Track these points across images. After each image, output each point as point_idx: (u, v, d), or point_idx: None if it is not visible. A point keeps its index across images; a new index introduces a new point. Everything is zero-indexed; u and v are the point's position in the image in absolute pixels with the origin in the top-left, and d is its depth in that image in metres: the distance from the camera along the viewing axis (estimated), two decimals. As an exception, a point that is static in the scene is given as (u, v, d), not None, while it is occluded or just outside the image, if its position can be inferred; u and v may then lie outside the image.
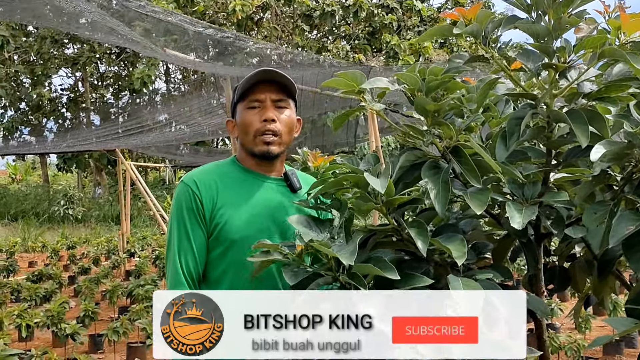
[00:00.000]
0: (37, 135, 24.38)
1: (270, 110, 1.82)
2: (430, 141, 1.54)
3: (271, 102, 1.83)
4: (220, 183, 1.83)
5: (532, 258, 1.59)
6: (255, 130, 1.81)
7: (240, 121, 1.85)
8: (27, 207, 22.28)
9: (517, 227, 1.40)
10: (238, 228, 1.77)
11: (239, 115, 1.87)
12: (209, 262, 1.80)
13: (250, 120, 1.82)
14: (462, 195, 1.51)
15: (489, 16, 1.58)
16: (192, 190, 1.79)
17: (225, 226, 1.77)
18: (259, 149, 1.82)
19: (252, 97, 1.83)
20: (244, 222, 1.77)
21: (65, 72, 26.03)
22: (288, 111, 1.87)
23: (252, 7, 16.90)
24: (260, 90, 1.83)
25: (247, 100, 1.84)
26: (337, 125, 1.69)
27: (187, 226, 1.77)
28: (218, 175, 1.85)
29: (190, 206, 1.78)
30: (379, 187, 1.38)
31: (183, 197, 1.80)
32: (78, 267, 9.87)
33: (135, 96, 23.17)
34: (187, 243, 1.77)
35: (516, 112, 1.58)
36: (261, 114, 1.82)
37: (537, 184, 1.56)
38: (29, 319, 5.20)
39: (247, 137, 1.84)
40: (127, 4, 6.46)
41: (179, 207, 1.80)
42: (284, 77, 1.84)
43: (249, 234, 1.75)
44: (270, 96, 1.83)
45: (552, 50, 1.53)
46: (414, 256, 1.59)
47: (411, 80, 1.53)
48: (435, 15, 22.80)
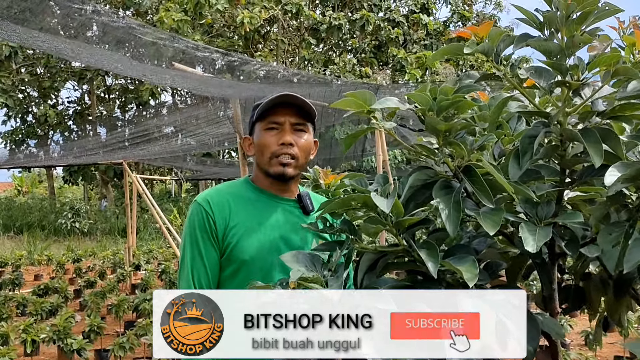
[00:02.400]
0: (43, 148, 24.50)
1: (288, 133, 1.82)
2: (442, 160, 1.51)
3: (290, 125, 1.83)
4: (234, 203, 1.83)
5: (547, 278, 1.56)
6: (272, 152, 1.82)
7: (258, 141, 1.86)
8: (33, 219, 22.34)
9: (531, 251, 1.37)
10: (249, 249, 1.77)
11: (257, 135, 1.87)
12: (221, 282, 1.80)
13: (267, 141, 1.83)
14: (474, 216, 1.49)
15: (501, 34, 1.56)
16: (205, 211, 1.80)
17: (236, 246, 1.77)
18: (275, 170, 1.82)
19: (271, 118, 1.83)
20: (255, 243, 1.78)
21: (73, 84, 26.18)
22: (306, 135, 1.87)
23: (260, 19, 16.97)
24: (280, 112, 1.83)
25: (266, 122, 1.84)
26: (347, 145, 1.67)
27: (200, 245, 1.78)
28: (231, 196, 1.85)
29: (203, 226, 1.79)
30: (385, 208, 1.36)
31: (196, 217, 1.81)
32: (84, 281, 9.84)
33: (142, 108, 23.25)
34: (200, 262, 1.78)
35: (529, 130, 1.56)
36: (279, 137, 1.82)
37: (551, 204, 1.54)
38: (34, 333, 5.18)
39: (263, 157, 1.84)
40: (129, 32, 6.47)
41: (192, 227, 1.81)
42: (304, 101, 1.84)
43: (260, 256, 1.76)
44: (290, 119, 1.83)
45: (565, 67, 1.51)
46: (425, 277, 1.57)
47: (422, 100, 1.51)
48: (442, 29, 22.87)
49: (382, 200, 1.34)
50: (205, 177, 20.65)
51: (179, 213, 17.87)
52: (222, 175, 19.31)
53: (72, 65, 24.17)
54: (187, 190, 29.90)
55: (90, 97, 25.87)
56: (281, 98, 1.82)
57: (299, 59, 20.37)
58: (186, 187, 30.00)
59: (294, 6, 18.36)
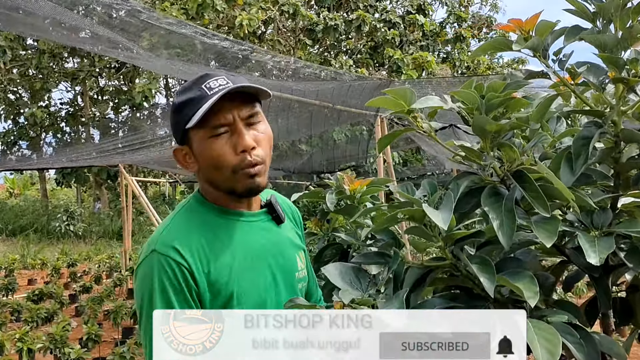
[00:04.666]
0: (36, 150, 24.27)
1: (244, 134, 1.39)
2: (491, 165, 1.38)
3: (241, 121, 1.40)
4: (205, 242, 1.39)
5: (604, 294, 1.43)
6: (232, 166, 1.39)
7: (205, 154, 1.40)
8: (26, 222, 22.10)
9: (595, 263, 1.25)
10: (247, 296, 1.40)
11: (199, 145, 1.40)
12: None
13: (220, 153, 1.38)
14: (526, 225, 1.36)
15: (551, 27, 1.44)
16: (176, 262, 1.32)
17: (230, 302, 1.37)
18: (243, 185, 1.42)
19: (214, 121, 1.37)
20: (248, 286, 1.41)
21: (65, 86, 25.96)
22: (262, 125, 1.45)
23: (258, 21, 16.84)
24: (224, 109, 1.37)
25: (209, 127, 1.38)
26: (382, 147, 1.54)
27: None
28: (199, 231, 1.41)
29: (177, 286, 1.32)
30: (441, 223, 1.21)
31: (164, 274, 1.32)
32: (79, 286, 9.68)
33: (135, 110, 23.07)
34: None
35: (582, 131, 1.43)
36: (234, 142, 1.39)
37: (608, 211, 1.41)
38: (30, 342, 5.02)
39: (220, 174, 1.41)
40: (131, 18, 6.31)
41: (161, 290, 1.30)
42: (250, 86, 1.40)
43: (259, 300, 1.42)
44: (239, 114, 1.39)
45: (622, 62, 1.39)
46: (471, 293, 1.44)
47: (469, 98, 1.38)
48: (438, 30, 22.81)
49: (437, 215, 1.20)
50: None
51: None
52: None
53: (65, 66, 23.95)
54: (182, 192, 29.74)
55: (83, 98, 25.64)
56: (224, 93, 1.37)
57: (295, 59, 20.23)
58: (180, 189, 29.82)
59: (291, 7, 18.23)
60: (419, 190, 1.39)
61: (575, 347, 1.25)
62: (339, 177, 1.84)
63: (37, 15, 5.92)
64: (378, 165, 7.84)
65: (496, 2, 27.08)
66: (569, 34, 1.45)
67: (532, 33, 1.46)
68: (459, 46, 23.44)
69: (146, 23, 5.99)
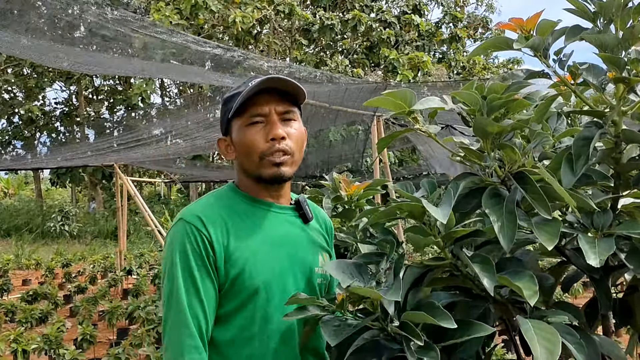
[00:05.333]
0: (30, 149, 24.18)
1: (277, 125, 1.51)
2: (492, 166, 1.37)
3: (277, 115, 1.52)
4: (229, 220, 1.49)
5: (604, 295, 1.42)
6: (261, 151, 1.50)
7: (240, 141, 1.53)
8: (20, 222, 22.02)
9: (595, 265, 1.24)
10: (258, 277, 1.46)
11: (237, 133, 1.54)
12: (219, 320, 1.46)
13: (253, 139, 1.50)
14: (526, 227, 1.35)
15: (552, 26, 1.43)
16: (198, 231, 1.44)
17: (243, 274, 1.45)
18: (268, 172, 1.52)
19: (252, 110, 1.51)
20: (265, 269, 1.48)
21: (60, 85, 25.86)
22: (296, 123, 1.57)
23: (252, 19, 16.80)
24: (263, 101, 1.51)
25: (247, 116, 1.51)
26: (381, 148, 1.53)
27: (196, 276, 1.42)
28: (224, 210, 1.51)
29: (197, 251, 1.43)
30: (441, 217, 1.20)
31: (187, 239, 1.43)
32: (74, 286, 9.62)
33: (130, 110, 23.02)
34: (197, 298, 1.41)
35: (583, 131, 1.42)
36: (267, 131, 1.50)
37: (608, 212, 1.40)
38: (25, 343, 4.98)
39: (250, 159, 1.52)
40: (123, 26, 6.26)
41: (182, 252, 1.43)
42: (289, 82, 1.52)
43: (272, 280, 1.48)
44: (276, 108, 1.52)
45: (623, 62, 1.38)
46: (470, 294, 1.43)
47: (470, 99, 1.37)
48: (434, 30, 22.83)
49: (437, 210, 1.19)
50: (198, 179, 20.44)
51: (171, 216, 17.62)
52: (215, 177, 19.13)
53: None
54: (179, 191, 29.67)
55: (78, 98, 25.55)
56: (263, 84, 1.49)
57: (291, 60, 20.22)
58: (175, 188, 29.75)
59: (287, 6, 18.21)
60: (419, 190, 1.38)
61: (575, 347, 1.24)
62: (335, 180, 1.82)
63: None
64: (374, 165, 7.82)
65: (492, 3, 27.14)
66: (570, 34, 1.44)
67: (533, 32, 1.45)
68: (455, 46, 23.48)
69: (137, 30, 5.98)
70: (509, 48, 1.46)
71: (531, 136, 1.43)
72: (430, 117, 1.47)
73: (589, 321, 1.54)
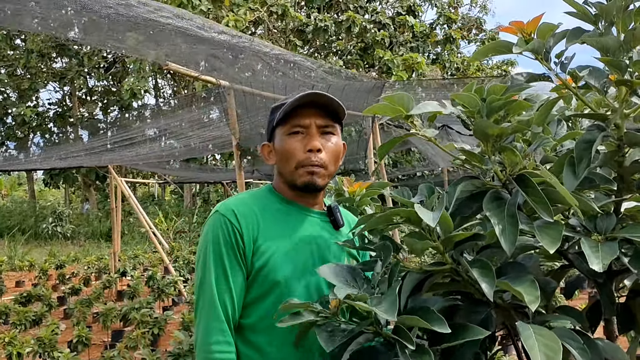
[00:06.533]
0: (23, 150, 24.06)
1: (315, 138, 1.62)
2: (492, 169, 1.36)
3: (317, 128, 1.63)
4: (261, 216, 1.61)
5: (608, 300, 1.41)
6: (298, 160, 1.62)
7: (281, 148, 1.65)
8: (13, 223, 21.90)
9: (598, 270, 1.23)
10: (282, 269, 1.56)
11: (279, 140, 1.66)
12: (244, 306, 1.59)
13: (292, 148, 1.62)
14: (528, 230, 1.33)
15: (552, 29, 1.42)
16: (230, 223, 1.56)
17: (266, 266, 1.56)
18: (302, 180, 1.62)
19: (294, 121, 1.63)
20: (289, 263, 1.57)
21: (53, 86, 25.76)
22: (335, 138, 1.67)
23: (245, 22, 16.76)
24: (306, 114, 1.63)
25: (289, 125, 1.63)
26: (382, 155, 1.52)
27: (226, 264, 1.54)
28: (257, 207, 1.63)
29: (229, 241, 1.55)
30: (431, 221, 1.20)
31: (220, 230, 1.56)
32: (68, 288, 9.56)
33: (124, 111, 22.94)
34: (226, 284, 1.54)
35: (585, 134, 1.41)
36: (305, 142, 1.62)
37: (611, 216, 1.39)
38: (19, 346, 4.94)
39: (287, 166, 1.64)
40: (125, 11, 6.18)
41: (215, 241, 1.56)
42: (332, 100, 1.64)
43: (294, 275, 1.57)
44: (316, 121, 1.63)
45: (625, 64, 1.37)
46: (472, 299, 1.41)
47: (469, 101, 1.35)
48: (428, 31, 22.86)
49: (427, 213, 1.18)
50: (192, 180, 20.37)
51: (165, 217, 17.56)
52: (208, 179, 19.08)
53: (53, 66, 23.77)
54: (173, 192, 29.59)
55: (72, 98, 25.45)
56: (306, 98, 1.61)
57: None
58: (169, 189, 29.67)
59: (280, 7, 18.18)
60: (417, 195, 1.37)
61: (579, 352, 1.22)
62: (337, 180, 1.83)
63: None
64: (369, 166, 7.82)
65: (485, 4, 27.22)
66: (571, 36, 1.43)
67: (533, 35, 1.44)
68: (449, 47, 23.52)
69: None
70: (510, 52, 1.44)
71: (532, 139, 1.42)
72: (430, 120, 1.46)
73: (590, 325, 1.54)
